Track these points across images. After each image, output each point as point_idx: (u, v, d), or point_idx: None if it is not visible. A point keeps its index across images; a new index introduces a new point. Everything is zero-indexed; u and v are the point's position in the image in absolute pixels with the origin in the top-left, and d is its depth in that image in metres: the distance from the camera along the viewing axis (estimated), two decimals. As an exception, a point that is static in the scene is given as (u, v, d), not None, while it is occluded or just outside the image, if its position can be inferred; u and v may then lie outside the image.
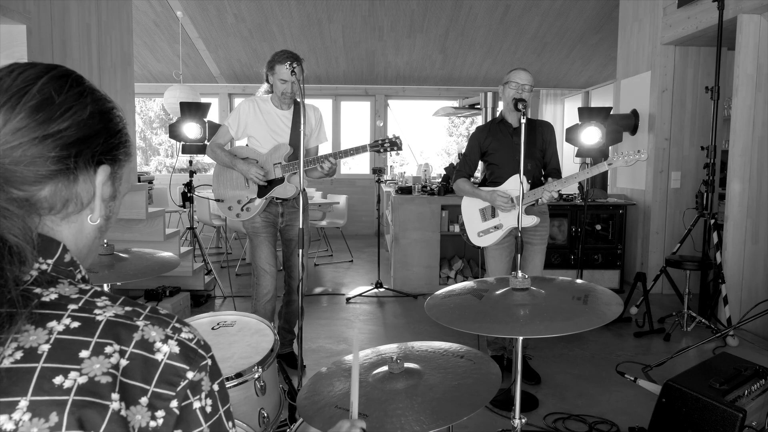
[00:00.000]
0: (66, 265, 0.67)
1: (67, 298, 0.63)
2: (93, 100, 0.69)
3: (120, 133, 0.72)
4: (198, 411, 0.63)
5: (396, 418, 1.19)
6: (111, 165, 0.71)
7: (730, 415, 2.00)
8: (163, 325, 0.64)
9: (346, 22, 7.16)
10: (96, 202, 0.69)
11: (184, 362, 0.62)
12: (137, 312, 0.64)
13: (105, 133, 0.69)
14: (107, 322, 0.61)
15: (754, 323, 3.73)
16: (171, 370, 0.61)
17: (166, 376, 0.61)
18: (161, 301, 4.09)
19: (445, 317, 1.54)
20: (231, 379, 1.67)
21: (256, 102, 3.11)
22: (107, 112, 0.70)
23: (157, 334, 0.63)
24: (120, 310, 0.63)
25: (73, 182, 0.66)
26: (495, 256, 3.10)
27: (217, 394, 0.66)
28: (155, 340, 0.62)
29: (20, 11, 3.39)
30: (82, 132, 0.66)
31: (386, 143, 3.05)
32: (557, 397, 2.98)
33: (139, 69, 7.93)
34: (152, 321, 0.64)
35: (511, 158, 3.00)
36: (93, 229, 0.71)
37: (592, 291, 1.63)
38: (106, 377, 0.58)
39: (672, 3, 4.88)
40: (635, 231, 5.39)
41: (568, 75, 8.55)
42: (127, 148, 0.73)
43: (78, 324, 0.60)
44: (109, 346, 0.59)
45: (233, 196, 3.13)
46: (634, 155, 2.81)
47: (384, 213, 6.43)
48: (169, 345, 0.62)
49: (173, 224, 6.96)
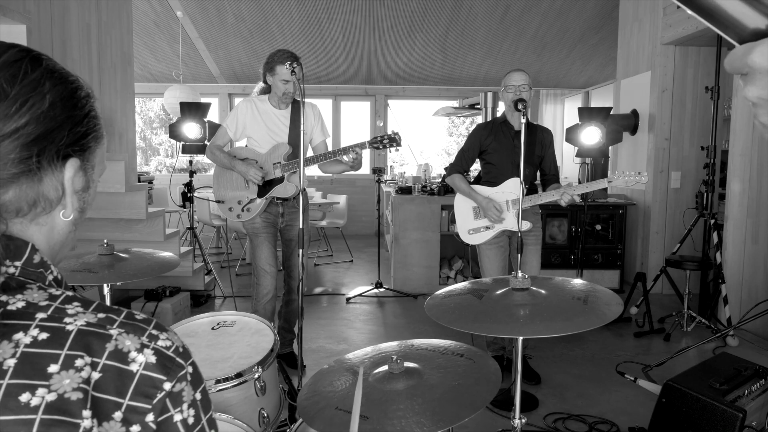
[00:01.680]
0: (35, 267, 0.62)
1: (36, 306, 0.58)
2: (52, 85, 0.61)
3: (87, 118, 0.65)
4: (179, 423, 0.59)
5: (396, 420, 1.19)
6: (80, 156, 0.64)
7: (730, 415, 2.00)
8: (138, 332, 0.59)
9: (346, 22, 7.16)
10: (67, 199, 0.64)
11: (161, 372, 0.58)
12: (111, 319, 0.59)
13: (69, 123, 0.62)
14: (78, 332, 0.56)
15: (754, 323, 3.73)
16: (147, 381, 0.57)
17: (142, 388, 0.57)
18: (161, 301, 4.09)
19: (445, 317, 1.54)
20: (231, 379, 1.67)
21: (254, 102, 3.10)
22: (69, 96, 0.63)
23: (132, 343, 0.58)
24: (92, 318, 0.59)
25: (39, 182, 0.60)
26: (489, 256, 3.10)
27: (200, 403, 0.62)
28: (130, 350, 0.58)
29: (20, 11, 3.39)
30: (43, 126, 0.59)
31: (385, 139, 3.04)
32: (557, 397, 2.98)
33: (139, 69, 7.93)
34: (127, 329, 0.59)
35: (509, 160, 3.01)
36: (66, 224, 0.66)
37: (592, 291, 1.63)
38: (77, 393, 0.54)
39: (672, 3, 4.87)
40: (635, 231, 5.39)
41: (568, 75, 8.55)
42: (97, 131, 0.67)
43: (46, 335, 0.55)
44: (79, 359, 0.55)
45: (233, 197, 3.13)
46: (635, 177, 2.79)
47: (384, 213, 6.43)
48: (144, 354, 0.58)
49: (173, 224, 6.96)
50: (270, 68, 2.99)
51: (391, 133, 3.06)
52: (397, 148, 3.06)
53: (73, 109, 0.63)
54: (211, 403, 0.64)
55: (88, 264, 2.07)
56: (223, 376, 1.66)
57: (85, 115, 0.65)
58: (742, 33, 0.45)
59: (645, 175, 2.79)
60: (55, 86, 0.61)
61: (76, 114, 0.63)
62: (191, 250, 4.77)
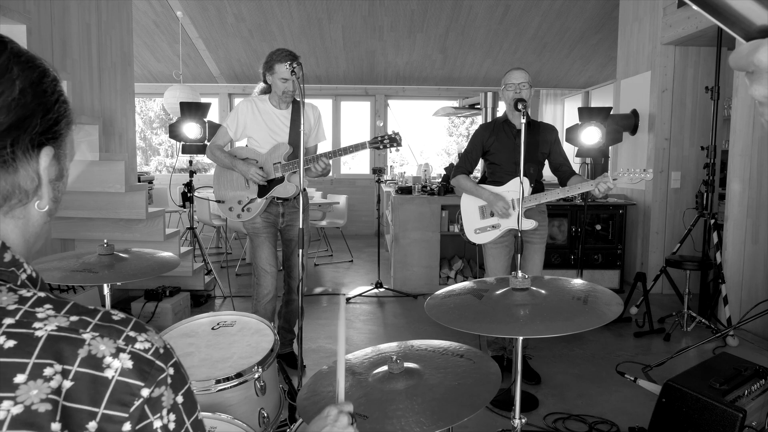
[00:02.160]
0: (6, 266, 0.59)
1: (3, 310, 0.54)
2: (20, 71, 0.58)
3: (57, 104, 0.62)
4: (159, 430, 0.56)
5: (396, 419, 1.19)
6: (53, 144, 0.62)
7: (730, 415, 2.00)
8: (114, 335, 0.56)
9: (346, 22, 7.16)
10: (43, 189, 0.61)
11: (138, 378, 0.55)
12: (84, 322, 0.56)
13: (41, 110, 0.59)
14: (48, 338, 0.53)
15: (754, 323, 3.73)
16: (123, 388, 0.54)
17: (118, 396, 0.53)
18: (161, 301, 4.09)
19: (445, 317, 1.54)
20: (231, 379, 1.67)
21: (254, 102, 3.10)
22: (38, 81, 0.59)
23: (107, 348, 0.54)
24: (64, 322, 0.55)
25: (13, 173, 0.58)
26: (494, 255, 3.10)
27: (182, 407, 0.58)
28: (104, 355, 0.54)
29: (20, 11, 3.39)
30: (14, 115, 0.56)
31: (386, 139, 3.03)
32: (557, 397, 2.98)
33: (139, 69, 7.93)
34: (102, 332, 0.55)
35: (512, 159, 3.00)
36: (41, 215, 0.63)
37: (592, 291, 1.63)
38: (45, 405, 0.50)
39: (672, 3, 4.88)
40: (635, 231, 5.39)
41: (568, 75, 8.55)
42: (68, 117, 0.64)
43: (13, 343, 0.52)
44: (48, 368, 0.51)
45: (234, 197, 3.13)
46: (639, 173, 2.74)
47: (384, 213, 6.43)
48: (120, 359, 0.54)
49: (173, 224, 6.96)
50: (269, 67, 3.00)
51: (391, 133, 3.05)
52: (397, 149, 3.06)
53: (43, 96, 0.60)
54: (196, 405, 0.61)
55: (88, 264, 2.07)
56: (223, 376, 1.66)
57: (56, 100, 0.62)
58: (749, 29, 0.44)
59: (650, 171, 2.75)
60: (24, 71, 0.58)
61: (47, 100, 0.60)
62: (191, 250, 4.77)
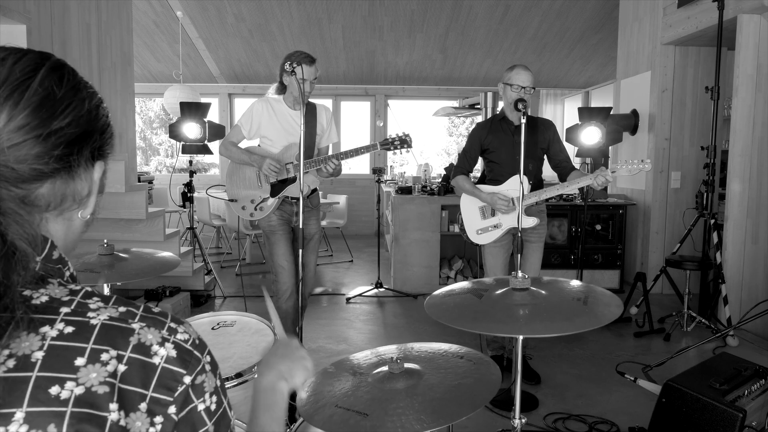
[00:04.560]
0: (54, 263, 0.65)
1: (59, 301, 0.60)
2: (88, 94, 0.67)
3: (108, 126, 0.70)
4: (203, 412, 0.62)
5: (396, 417, 1.19)
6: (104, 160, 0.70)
7: (730, 415, 2.00)
8: (158, 326, 0.63)
9: (346, 22, 7.17)
10: (91, 199, 0.68)
11: (181, 366, 0.61)
12: (132, 313, 0.62)
13: (99, 128, 0.68)
14: (102, 326, 0.59)
15: (754, 323, 3.73)
16: (168, 374, 0.60)
17: (164, 381, 0.60)
18: (161, 301, 4.09)
19: (445, 316, 1.54)
20: (231, 379, 1.67)
21: (269, 102, 3.09)
22: (98, 105, 0.69)
23: (154, 337, 0.61)
24: (114, 312, 0.61)
25: (72, 179, 0.65)
26: (493, 254, 3.10)
27: (220, 389, 0.66)
28: (152, 343, 0.60)
29: (20, 11, 3.39)
30: (82, 128, 0.64)
31: (396, 141, 2.98)
32: (557, 397, 2.98)
33: (139, 69, 7.93)
34: (148, 323, 0.62)
35: (511, 157, 2.99)
36: (82, 224, 0.70)
37: (592, 292, 1.63)
38: (104, 387, 0.56)
39: (672, 3, 4.88)
40: (635, 231, 5.39)
41: (568, 75, 8.55)
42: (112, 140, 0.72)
43: (72, 329, 0.58)
44: (105, 353, 0.57)
45: (246, 196, 3.12)
46: (638, 164, 2.76)
47: (384, 213, 6.43)
48: (166, 348, 0.61)
49: (173, 224, 6.96)
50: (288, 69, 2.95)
51: (402, 134, 2.99)
52: (408, 150, 3.00)
53: (100, 117, 0.68)
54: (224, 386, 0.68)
55: (89, 264, 2.07)
56: (223, 376, 1.66)
57: (107, 123, 0.70)
58: None
59: (648, 162, 2.75)
60: (90, 96, 0.67)
61: (103, 122, 0.69)
62: (191, 250, 4.78)
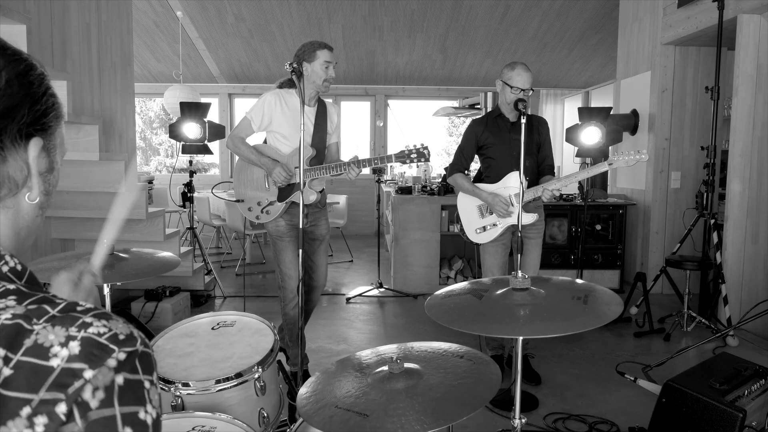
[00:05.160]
0: None
1: None
2: (6, 62, 0.60)
3: (45, 96, 0.63)
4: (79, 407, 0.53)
5: (396, 417, 1.19)
6: (42, 135, 0.63)
7: (730, 415, 2.00)
8: (67, 323, 0.55)
9: (346, 22, 7.16)
10: (33, 180, 0.63)
11: (83, 361, 0.53)
12: (42, 311, 0.55)
13: (28, 101, 0.60)
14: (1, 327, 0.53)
15: (754, 323, 3.72)
16: (67, 372, 0.52)
17: (60, 380, 0.52)
18: (161, 301, 4.09)
19: (445, 317, 1.54)
20: (231, 379, 1.67)
21: (282, 96, 2.93)
22: (25, 73, 0.61)
23: (56, 337, 0.53)
24: (20, 310, 0.55)
25: (2, 163, 0.59)
26: (491, 252, 3.09)
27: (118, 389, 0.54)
28: (52, 344, 0.53)
29: (20, 11, 3.39)
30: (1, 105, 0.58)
31: (413, 154, 2.79)
32: (557, 397, 2.98)
33: (139, 69, 7.93)
34: (55, 321, 0.55)
35: (508, 154, 2.99)
36: (32, 208, 0.65)
37: (592, 291, 1.63)
38: None
39: (672, 3, 4.88)
40: (635, 231, 5.39)
41: (568, 75, 8.55)
42: (57, 110, 0.65)
43: None
44: None
45: (253, 197, 3.00)
46: (635, 155, 2.79)
47: (384, 213, 6.43)
48: (69, 348, 0.53)
49: (173, 224, 6.97)
50: (309, 55, 2.84)
51: (420, 146, 2.81)
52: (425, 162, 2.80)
53: (30, 87, 0.61)
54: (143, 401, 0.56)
55: (88, 264, 2.07)
56: (223, 376, 1.67)
57: (43, 93, 0.63)
58: None
59: (645, 153, 2.78)
60: (9, 63, 0.60)
61: (34, 92, 0.62)
62: (191, 250, 4.77)
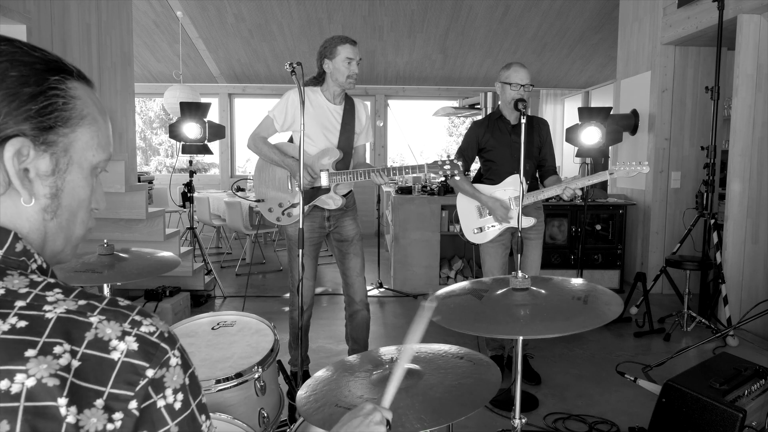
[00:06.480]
0: (18, 255, 0.61)
1: (15, 293, 0.57)
2: None
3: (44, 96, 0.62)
4: (163, 409, 0.58)
5: (396, 416, 1.19)
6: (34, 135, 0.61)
7: (730, 415, 2.00)
8: (120, 319, 0.58)
9: (346, 22, 7.16)
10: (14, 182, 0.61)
11: (143, 359, 0.57)
12: (92, 306, 0.58)
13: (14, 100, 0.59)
14: (57, 320, 0.56)
15: (754, 323, 3.72)
16: (129, 368, 0.56)
17: (124, 376, 0.56)
18: (161, 301, 4.09)
19: (446, 319, 1.54)
20: (231, 379, 1.67)
21: (306, 94, 2.81)
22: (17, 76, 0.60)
23: (113, 331, 0.57)
24: (72, 305, 0.57)
25: None
26: (491, 253, 3.09)
27: (188, 388, 0.61)
28: (110, 338, 0.57)
29: (20, 11, 3.39)
30: None
31: (446, 166, 2.66)
32: (557, 397, 2.98)
33: (139, 69, 7.93)
34: (108, 316, 0.58)
35: (509, 156, 3.00)
36: (34, 211, 0.63)
37: (592, 291, 1.63)
38: (54, 380, 0.53)
39: (672, 3, 4.88)
40: (635, 231, 5.39)
41: (568, 75, 8.55)
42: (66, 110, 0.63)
43: (25, 323, 0.55)
44: (58, 346, 0.54)
45: (275, 198, 2.90)
46: (636, 166, 2.78)
47: (384, 213, 6.43)
48: (126, 342, 0.57)
49: (173, 224, 6.96)
50: (330, 51, 2.76)
51: (454, 158, 2.71)
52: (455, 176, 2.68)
53: (20, 86, 0.60)
54: (200, 389, 0.63)
55: (89, 264, 2.07)
56: (223, 376, 1.67)
57: (40, 92, 0.61)
58: None
59: (646, 164, 2.78)
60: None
61: (23, 91, 0.60)
62: (191, 250, 4.77)
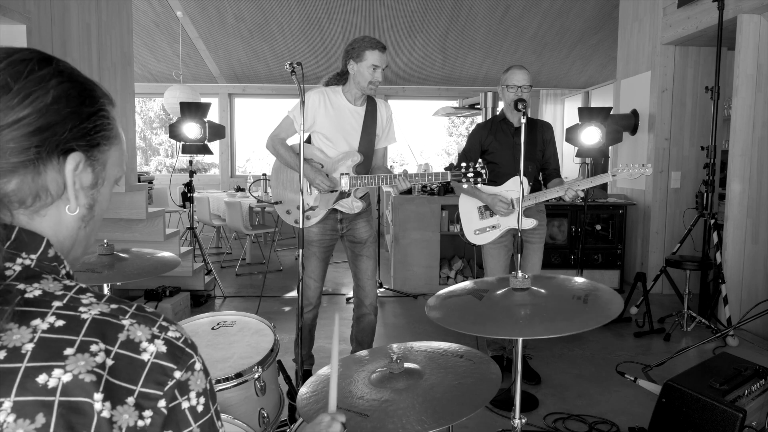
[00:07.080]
0: (50, 261, 0.65)
1: (52, 295, 0.60)
2: (58, 83, 0.64)
3: (96, 116, 0.67)
4: (187, 411, 0.61)
5: (397, 417, 1.19)
6: (86, 151, 0.66)
7: (730, 415, 2.00)
8: (149, 323, 0.62)
9: (346, 22, 7.16)
10: (69, 193, 0.65)
11: (171, 361, 0.61)
12: (123, 310, 0.62)
13: (75, 118, 0.64)
14: (93, 321, 0.59)
15: (754, 323, 3.72)
16: (158, 369, 0.60)
17: (154, 376, 0.59)
18: (161, 301, 4.09)
19: (446, 319, 1.54)
20: (231, 379, 1.67)
21: (326, 94, 2.77)
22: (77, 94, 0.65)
23: (143, 334, 0.61)
24: (105, 308, 0.61)
25: (40, 174, 0.62)
26: (493, 255, 3.10)
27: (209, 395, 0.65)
28: (141, 340, 0.60)
29: (20, 11, 3.39)
30: (44, 119, 0.61)
31: (470, 172, 2.60)
32: (557, 397, 2.98)
33: (139, 69, 7.92)
34: (138, 320, 0.62)
35: (511, 158, 3.00)
36: (74, 219, 0.68)
37: (592, 290, 1.63)
38: (91, 376, 0.56)
39: (672, 3, 4.88)
40: (635, 231, 5.39)
41: (568, 75, 8.54)
42: (108, 131, 0.69)
43: (63, 322, 0.58)
44: (94, 345, 0.58)
45: (292, 200, 2.84)
46: (638, 169, 2.78)
47: (384, 213, 6.43)
48: (155, 344, 0.61)
49: (173, 224, 6.96)
50: (357, 54, 2.67)
51: (478, 166, 2.61)
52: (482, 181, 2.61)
53: (80, 106, 0.65)
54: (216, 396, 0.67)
55: (89, 264, 2.07)
56: (223, 376, 1.66)
57: (94, 113, 0.67)
58: None
59: (649, 167, 2.78)
60: (62, 83, 0.64)
61: (83, 110, 0.65)
62: (191, 250, 4.77)
